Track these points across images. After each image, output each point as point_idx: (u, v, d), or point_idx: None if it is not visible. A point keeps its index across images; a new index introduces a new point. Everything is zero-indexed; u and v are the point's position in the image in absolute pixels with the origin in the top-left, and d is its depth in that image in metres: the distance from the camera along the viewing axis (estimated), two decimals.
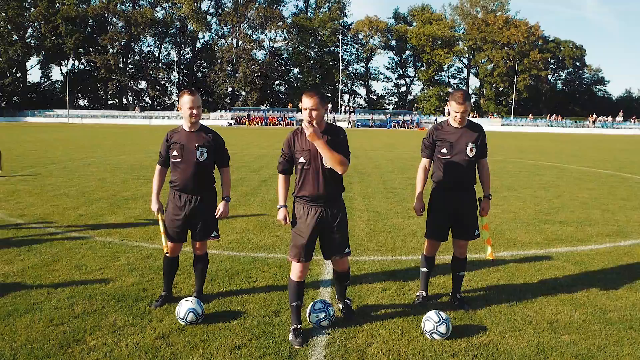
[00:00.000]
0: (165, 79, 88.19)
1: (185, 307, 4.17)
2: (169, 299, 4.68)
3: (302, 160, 3.90)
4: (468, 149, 4.44)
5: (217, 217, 4.54)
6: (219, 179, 4.67)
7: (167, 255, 4.61)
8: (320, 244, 4.13)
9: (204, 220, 4.52)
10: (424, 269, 4.85)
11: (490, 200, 4.67)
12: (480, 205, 4.63)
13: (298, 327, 4.05)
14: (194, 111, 4.35)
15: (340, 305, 4.55)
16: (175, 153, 4.42)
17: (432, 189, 4.69)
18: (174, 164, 4.46)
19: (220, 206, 4.54)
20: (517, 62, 75.82)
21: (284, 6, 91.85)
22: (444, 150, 4.50)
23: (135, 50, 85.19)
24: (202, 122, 4.58)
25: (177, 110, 70.95)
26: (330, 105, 69.36)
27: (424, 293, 4.86)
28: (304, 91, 3.83)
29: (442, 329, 3.98)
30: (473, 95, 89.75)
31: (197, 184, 4.43)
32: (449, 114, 4.53)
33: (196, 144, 4.40)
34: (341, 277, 4.40)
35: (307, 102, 3.76)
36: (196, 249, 4.69)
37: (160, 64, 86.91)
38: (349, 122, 64.09)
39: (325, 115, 3.98)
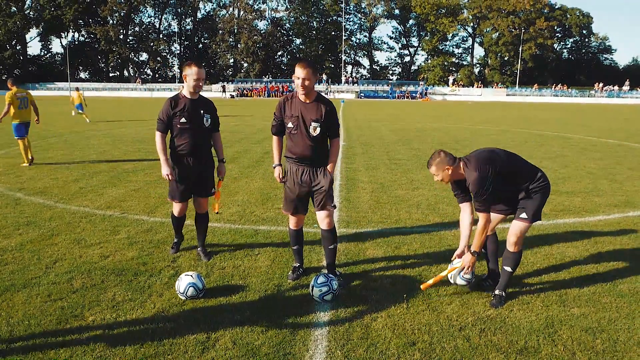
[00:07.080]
0: (167, 51, 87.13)
1: (185, 282, 4.09)
2: (181, 244, 5.33)
3: (290, 125, 4.25)
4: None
5: (220, 178, 5.02)
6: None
7: (175, 215, 5.08)
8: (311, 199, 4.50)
9: (206, 179, 4.96)
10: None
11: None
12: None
13: (297, 265, 4.65)
14: (200, 83, 4.69)
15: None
16: (183, 120, 4.68)
17: None
18: (181, 130, 4.70)
19: (221, 168, 5.01)
20: (523, 30, 74.31)
21: None
22: None
23: (136, 21, 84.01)
24: (203, 94, 4.95)
25: (179, 82, 70.25)
26: (324, 76, 68.61)
27: (490, 281, 4.44)
28: (298, 62, 4.15)
29: (468, 275, 4.11)
30: (477, 65, 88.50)
31: (202, 147, 4.83)
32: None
33: (201, 110, 4.78)
34: (326, 237, 4.44)
35: (300, 72, 4.05)
36: (200, 207, 5.04)
37: (161, 36, 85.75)
38: (354, 93, 63.36)
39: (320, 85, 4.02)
